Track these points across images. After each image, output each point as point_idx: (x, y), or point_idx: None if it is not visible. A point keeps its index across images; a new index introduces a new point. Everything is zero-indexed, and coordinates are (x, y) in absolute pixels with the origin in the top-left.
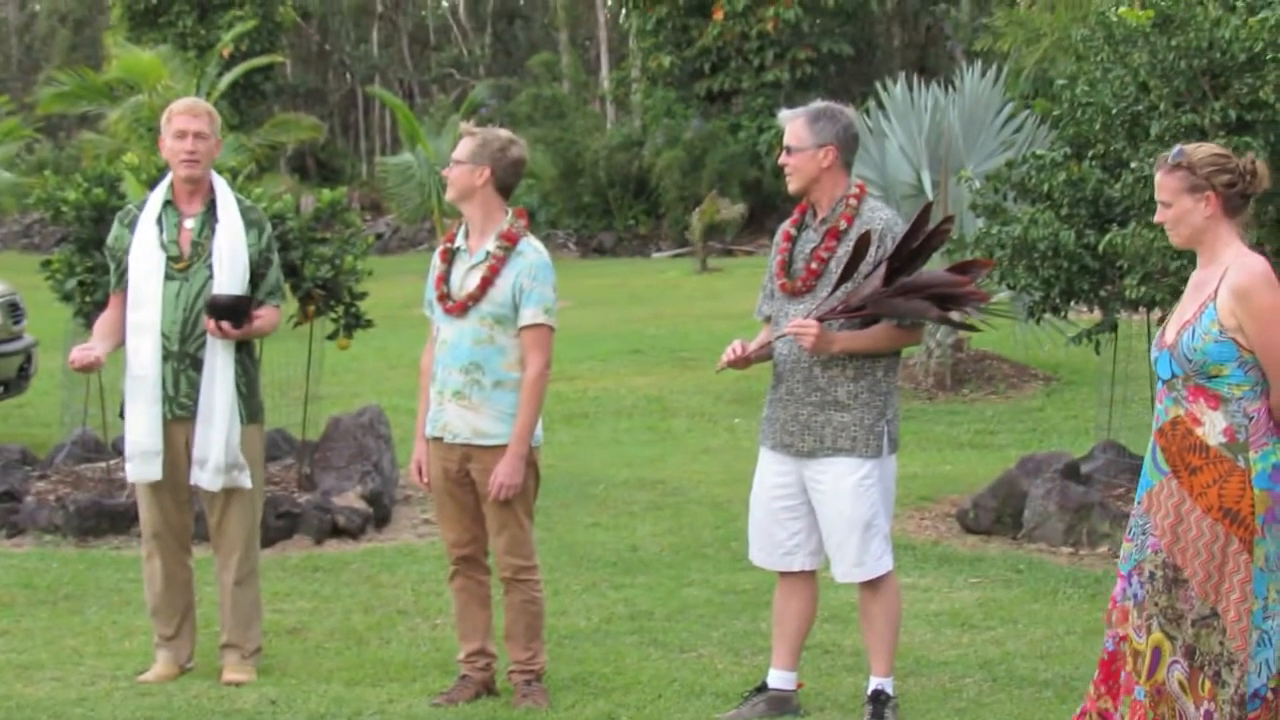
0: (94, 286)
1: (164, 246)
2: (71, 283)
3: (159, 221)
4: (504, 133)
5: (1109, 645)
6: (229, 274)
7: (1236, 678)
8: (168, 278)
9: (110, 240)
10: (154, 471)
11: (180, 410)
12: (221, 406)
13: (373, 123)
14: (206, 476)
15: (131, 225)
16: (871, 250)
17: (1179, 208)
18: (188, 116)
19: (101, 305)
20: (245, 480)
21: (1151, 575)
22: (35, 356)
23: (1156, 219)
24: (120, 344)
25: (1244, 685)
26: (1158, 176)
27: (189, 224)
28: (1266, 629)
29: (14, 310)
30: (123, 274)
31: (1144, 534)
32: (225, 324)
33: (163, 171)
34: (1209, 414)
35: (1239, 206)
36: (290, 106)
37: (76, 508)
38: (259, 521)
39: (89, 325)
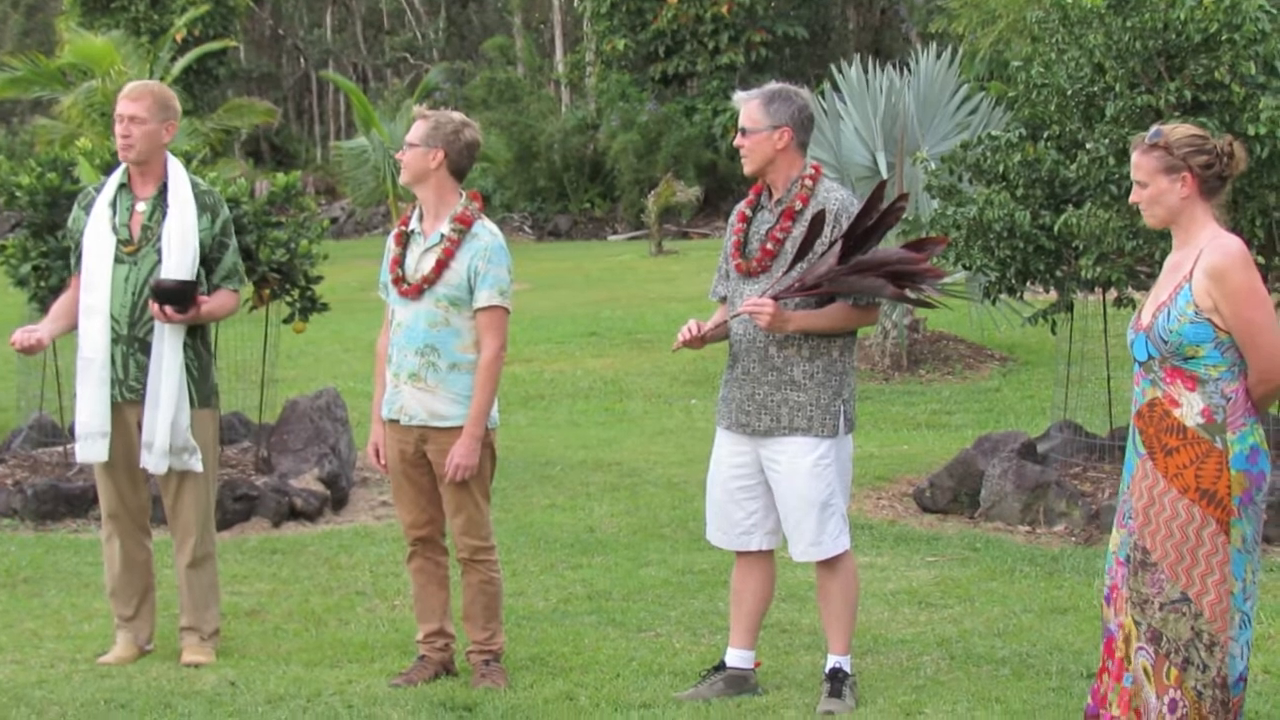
0: (49, 271)
1: (115, 230)
2: (26, 268)
3: (113, 204)
4: (457, 115)
5: (1106, 632)
6: (177, 258)
7: (1218, 660)
8: (117, 261)
9: (69, 222)
10: (100, 453)
11: (130, 393)
12: (169, 390)
13: (327, 107)
14: (153, 460)
15: (88, 208)
16: (826, 230)
17: (1155, 188)
18: (127, 101)
19: (57, 290)
20: (196, 464)
21: (1128, 558)
22: None
23: (1132, 199)
24: (73, 326)
25: (1225, 668)
26: (1134, 156)
27: (141, 207)
28: (1246, 610)
29: None
30: (80, 256)
31: (1128, 518)
32: (169, 308)
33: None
34: (1187, 395)
35: (1216, 188)
36: (244, 91)
37: (34, 491)
38: (213, 504)
39: (44, 310)
